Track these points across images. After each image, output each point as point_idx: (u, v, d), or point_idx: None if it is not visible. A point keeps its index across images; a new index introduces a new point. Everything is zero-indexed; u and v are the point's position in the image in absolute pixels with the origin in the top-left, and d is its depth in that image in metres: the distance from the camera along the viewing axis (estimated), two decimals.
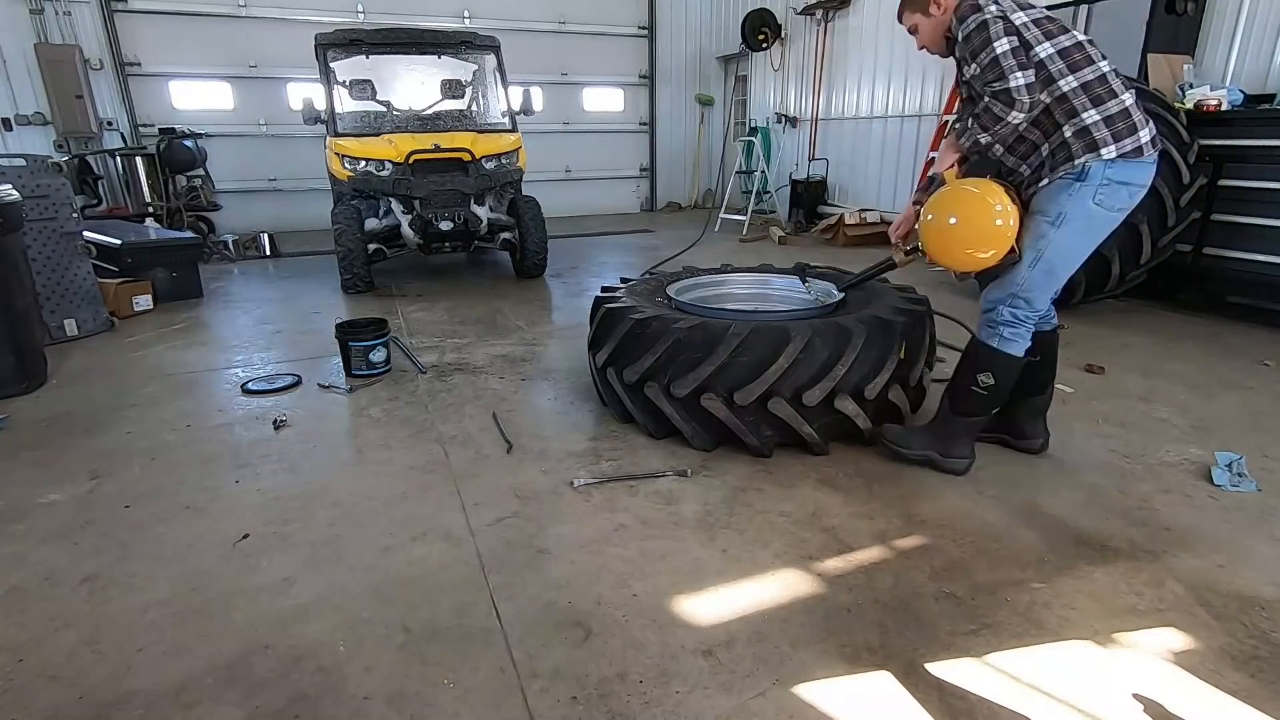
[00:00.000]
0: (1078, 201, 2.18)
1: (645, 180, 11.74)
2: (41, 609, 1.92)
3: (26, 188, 4.09)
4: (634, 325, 2.76)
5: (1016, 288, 2.31)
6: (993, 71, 2.14)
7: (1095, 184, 2.15)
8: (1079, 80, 2.14)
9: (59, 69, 7.94)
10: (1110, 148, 2.12)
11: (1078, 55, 2.15)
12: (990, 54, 2.13)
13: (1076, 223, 2.20)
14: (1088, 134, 2.14)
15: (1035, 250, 2.26)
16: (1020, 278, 2.30)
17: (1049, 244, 2.23)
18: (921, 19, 2.36)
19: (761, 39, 9.67)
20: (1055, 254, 2.25)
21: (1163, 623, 1.79)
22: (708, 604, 1.90)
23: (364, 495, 2.52)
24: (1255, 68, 4.85)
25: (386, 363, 3.77)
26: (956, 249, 2.35)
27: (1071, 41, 2.17)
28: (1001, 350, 2.38)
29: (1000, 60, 2.11)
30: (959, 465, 2.55)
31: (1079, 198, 2.17)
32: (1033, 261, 2.27)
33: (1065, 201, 2.19)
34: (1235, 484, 2.45)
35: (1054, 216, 2.21)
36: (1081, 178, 2.16)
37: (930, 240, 2.40)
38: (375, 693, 1.61)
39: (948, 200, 2.35)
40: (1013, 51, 2.11)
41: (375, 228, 5.82)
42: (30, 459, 2.84)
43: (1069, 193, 2.18)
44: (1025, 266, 2.28)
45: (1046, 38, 2.16)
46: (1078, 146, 2.15)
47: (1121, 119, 2.14)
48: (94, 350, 4.29)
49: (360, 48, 6.11)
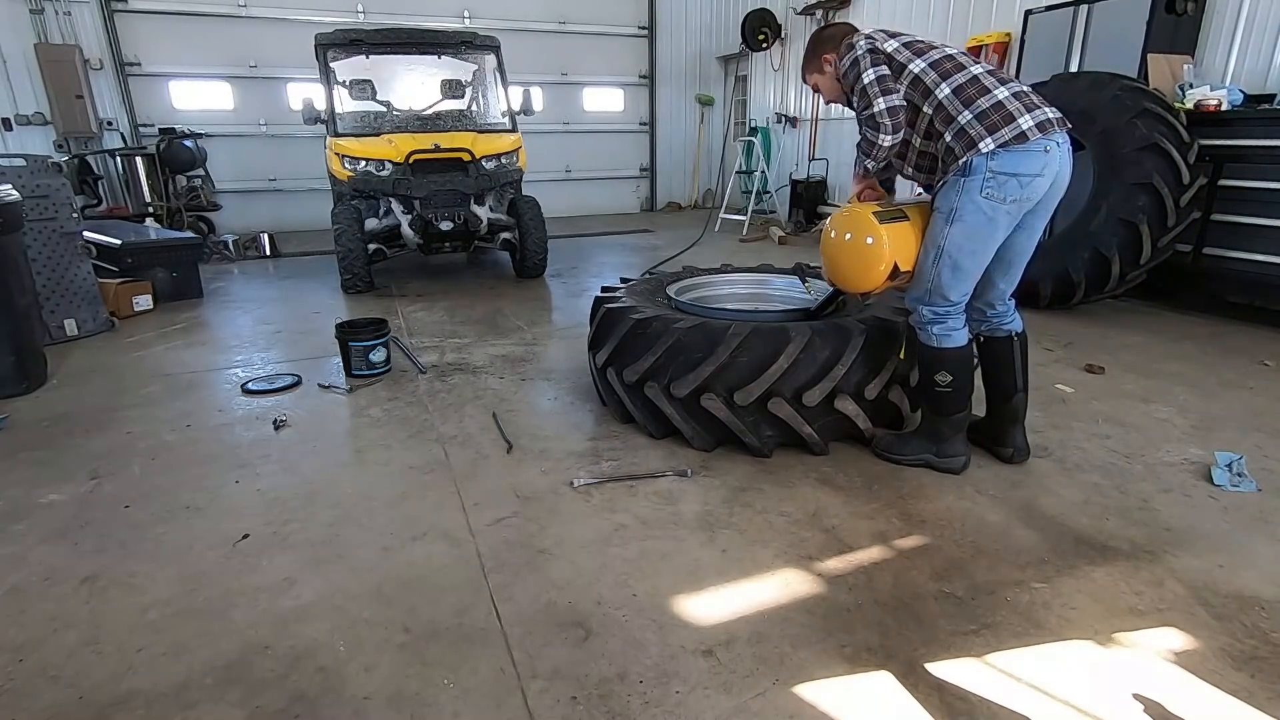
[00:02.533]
0: (965, 196, 2.25)
1: (645, 180, 11.74)
2: (41, 609, 1.92)
3: (26, 188, 4.09)
4: (634, 325, 2.76)
5: (927, 284, 2.41)
6: (862, 100, 2.31)
7: (980, 177, 2.22)
8: (951, 86, 2.26)
9: (59, 69, 7.94)
10: (986, 140, 2.19)
11: (948, 65, 2.30)
12: (860, 84, 2.30)
13: (968, 217, 2.27)
14: (964, 134, 2.22)
15: (935, 246, 2.35)
16: (927, 274, 2.39)
17: (946, 239, 2.32)
18: (819, 77, 2.55)
19: (761, 39, 9.67)
20: (954, 249, 2.32)
21: (1163, 623, 1.79)
22: (708, 604, 1.90)
23: (364, 495, 2.52)
24: (1255, 68, 4.85)
25: (386, 363, 3.77)
26: (845, 259, 2.51)
27: (942, 55, 2.33)
28: (942, 346, 2.44)
29: (868, 89, 2.29)
30: (956, 464, 2.56)
31: (966, 192, 2.25)
32: (935, 257, 2.36)
33: (955, 198, 2.28)
34: (1235, 484, 2.45)
35: (947, 212, 2.31)
36: (965, 173, 2.24)
37: (828, 253, 2.58)
38: (375, 693, 1.61)
39: (838, 218, 2.55)
40: (878, 80, 2.28)
41: (375, 228, 5.81)
42: (30, 459, 2.84)
43: (956, 189, 2.27)
44: (930, 263, 2.37)
45: (917, 55, 2.32)
46: (959, 147, 2.24)
47: (995, 111, 2.20)
48: (94, 350, 4.29)
49: (360, 48, 6.11)
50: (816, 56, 2.53)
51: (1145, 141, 4.12)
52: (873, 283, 2.46)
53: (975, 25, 6.85)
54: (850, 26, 2.51)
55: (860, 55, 2.30)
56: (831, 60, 2.47)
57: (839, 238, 2.50)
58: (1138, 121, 4.19)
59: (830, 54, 2.47)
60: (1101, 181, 4.33)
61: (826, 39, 2.51)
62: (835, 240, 2.52)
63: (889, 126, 2.28)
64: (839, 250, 2.51)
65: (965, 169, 2.23)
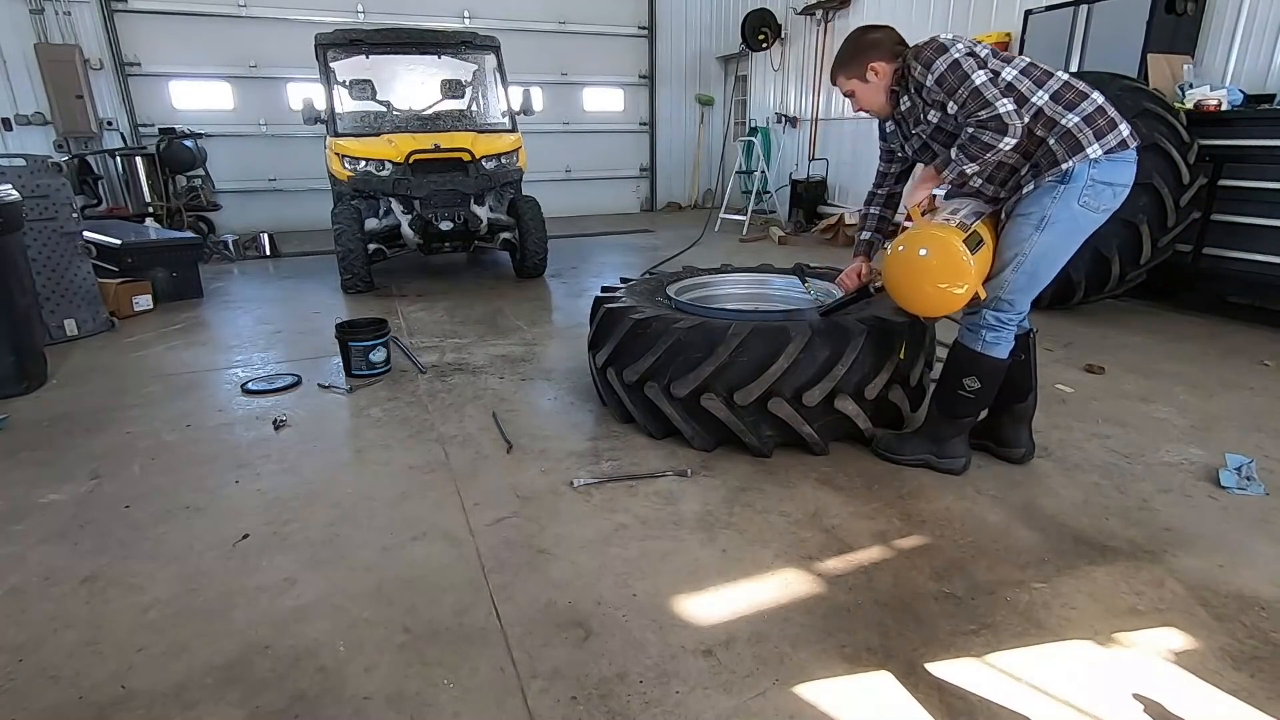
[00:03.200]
0: (1062, 204, 2.18)
1: (645, 180, 11.73)
2: (41, 609, 1.92)
3: (26, 188, 4.09)
4: (634, 325, 2.76)
5: (1000, 291, 2.32)
6: (976, 101, 2.11)
7: (1080, 185, 2.15)
8: (1048, 93, 2.17)
9: (59, 69, 7.94)
10: (1095, 146, 2.12)
11: (1037, 73, 2.19)
12: (969, 86, 2.11)
13: (1060, 225, 2.20)
14: (1070, 137, 2.14)
15: (1018, 252, 2.26)
16: (1005, 281, 2.30)
17: (1032, 246, 2.23)
18: (859, 84, 2.37)
19: (761, 39, 9.67)
20: (1038, 257, 2.25)
21: (1163, 623, 1.79)
22: (708, 604, 1.90)
23: (364, 495, 2.52)
24: (1255, 68, 4.85)
25: (386, 363, 3.77)
26: (926, 283, 2.27)
27: (1026, 63, 2.22)
28: (985, 354, 2.39)
29: (982, 90, 2.10)
30: (955, 465, 2.55)
31: (1064, 200, 2.17)
32: (1016, 265, 2.27)
33: (1049, 205, 2.19)
34: (1243, 487, 2.43)
35: (1037, 220, 2.21)
36: (1065, 180, 2.16)
37: (899, 273, 2.33)
38: (375, 693, 1.61)
39: (918, 236, 2.28)
40: (991, 81, 2.12)
41: (375, 228, 5.81)
42: (30, 459, 2.84)
43: (1053, 195, 2.18)
44: (1009, 269, 2.28)
45: (1007, 63, 2.20)
46: (1062, 151, 2.15)
47: (1099, 116, 2.14)
48: (94, 350, 4.29)
49: (360, 48, 6.11)
50: (860, 63, 2.33)
51: (1145, 141, 4.09)
52: (950, 309, 2.30)
53: (975, 25, 6.85)
54: (896, 33, 2.34)
55: (960, 58, 2.13)
56: (880, 69, 2.30)
57: (921, 260, 2.24)
58: (1138, 121, 4.17)
59: (880, 62, 2.30)
60: None
61: (872, 45, 2.32)
62: (916, 262, 2.26)
63: (1018, 128, 2.10)
64: (920, 275, 2.26)
65: (1065, 176, 2.15)
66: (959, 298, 2.24)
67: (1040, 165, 2.20)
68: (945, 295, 2.24)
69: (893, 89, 2.34)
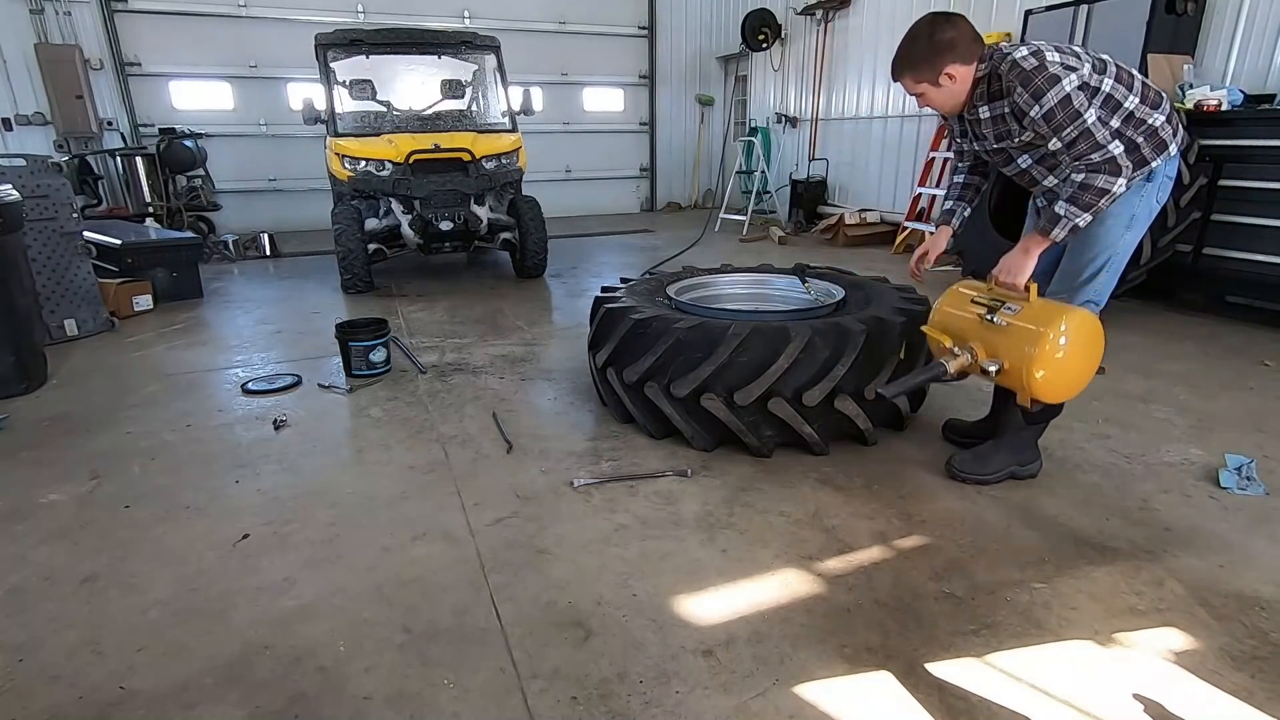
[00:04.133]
0: (1145, 201, 2.23)
1: (645, 180, 11.74)
2: (41, 609, 1.92)
3: (26, 188, 4.09)
4: (634, 325, 2.76)
5: (1093, 294, 2.32)
6: (1086, 143, 2.04)
7: (1158, 183, 2.22)
8: (1136, 96, 2.15)
9: (59, 69, 7.94)
10: (1173, 144, 2.18)
11: (1124, 75, 2.16)
12: (1080, 126, 2.03)
13: (1141, 221, 2.25)
14: (1156, 136, 2.16)
15: (1108, 253, 2.27)
16: (1099, 284, 2.31)
17: (1123, 245, 2.27)
18: (931, 87, 2.22)
19: (761, 39, 9.67)
20: (1124, 254, 2.30)
21: (1163, 623, 1.79)
22: (708, 604, 1.90)
23: (364, 495, 2.52)
24: (1255, 68, 4.85)
25: (386, 363, 3.77)
26: (1084, 362, 2.16)
27: (1114, 65, 2.17)
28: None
29: (1093, 131, 2.03)
30: (1035, 469, 2.54)
31: (1147, 198, 2.22)
32: (1108, 265, 2.29)
33: (1138, 203, 2.21)
34: (1243, 487, 2.43)
35: (1127, 219, 2.23)
36: (1150, 178, 2.20)
37: (1056, 365, 2.09)
38: (375, 693, 1.61)
39: (1084, 326, 2.12)
40: (1101, 121, 2.05)
41: (375, 228, 5.81)
42: (30, 459, 2.84)
43: (1140, 194, 2.21)
44: (1103, 271, 2.29)
45: (1104, 74, 2.13)
46: (1150, 150, 2.16)
47: (1173, 116, 2.19)
48: (94, 350, 4.29)
49: (360, 48, 6.11)
50: (936, 66, 2.16)
51: None
52: (1079, 387, 2.21)
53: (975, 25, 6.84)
54: (970, 26, 2.17)
55: (1072, 91, 2.01)
56: (959, 73, 2.16)
57: (1071, 346, 2.09)
58: None
59: (958, 65, 2.15)
60: None
61: (948, 46, 2.13)
62: (1068, 351, 2.09)
63: (1129, 168, 2.03)
64: (1077, 363, 2.13)
65: (1151, 175, 2.18)
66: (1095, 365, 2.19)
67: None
68: (1092, 367, 2.18)
69: (971, 93, 2.22)
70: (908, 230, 7.31)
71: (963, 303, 2.30)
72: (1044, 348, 2.06)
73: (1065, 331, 2.07)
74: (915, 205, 7.31)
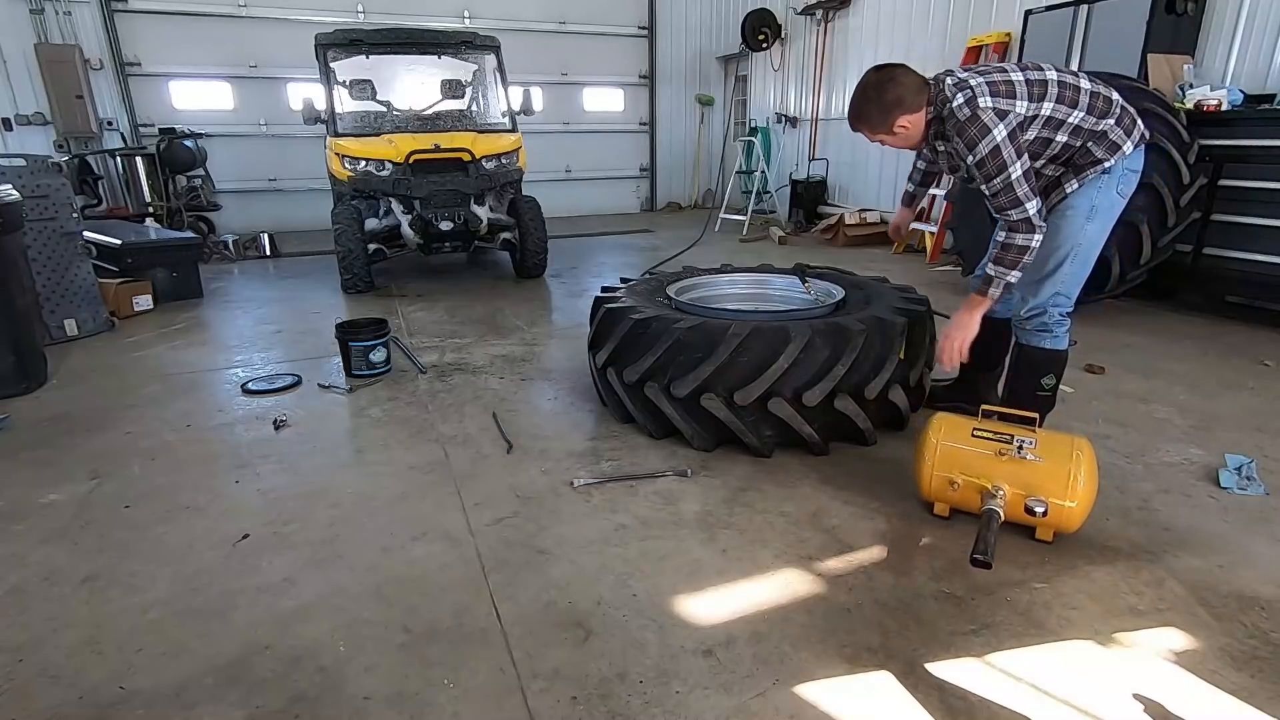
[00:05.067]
0: (1105, 193, 2.34)
1: (645, 180, 11.73)
2: (41, 609, 1.92)
3: (26, 188, 4.09)
4: (634, 325, 2.76)
5: (1061, 286, 2.45)
6: (1007, 196, 2.18)
7: (1118, 175, 2.33)
8: (1083, 110, 2.26)
9: (59, 69, 7.94)
10: (1128, 143, 2.30)
11: (1068, 92, 2.25)
12: (1005, 179, 2.16)
13: (1104, 212, 2.36)
14: (1106, 139, 2.29)
15: (1073, 245, 2.38)
16: (1064, 275, 2.43)
17: (1086, 236, 2.37)
18: (886, 137, 2.31)
19: (761, 39, 9.67)
20: (1090, 245, 2.40)
21: (1163, 623, 1.79)
22: (708, 604, 1.90)
23: (364, 495, 2.52)
24: (1255, 68, 4.85)
25: (386, 363, 3.77)
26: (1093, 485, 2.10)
27: (1056, 79, 2.24)
28: (1055, 349, 2.52)
29: (1015, 187, 2.15)
30: None
31: (1106, 189, 2.33)
32: (1074, 257, 2.39)
33: (1096, 195, 2.33)
34: (1243, 487, 2.43)
35: (1088, 210, 2.35)
36: (1108, 171, 2.31)
37: (1089, 495, 2.07)
38: (375, 693, 1.61)
39: (1089, 450, 2.11)
40: (1024, 176, 2.16)
41: (375, 228, 5.81)
42: (30, 459, 2.84)
43: (1098, 186, 2.33)
44: (1068, 263, 2.40)
45: (1043, 99, 2.21)
46: (1103, 151, 2.31)
47: (1125, 115, 2.32)
48: (94, 350, 4.28)
49: (360, 48, 6.10)
50: (887, 121, 2.25)
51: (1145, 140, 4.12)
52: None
53: (975, 25, 6.85)
54: (914, 75, 2.23)
55: (1001, 142, 2.11)
56: (910, 122, 2.24)
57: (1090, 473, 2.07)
58: None
59: (907, 115, 2.23)
60: None
61: (895, 102, 2.21)
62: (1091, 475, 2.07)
63: (1043, 226, 2.21)
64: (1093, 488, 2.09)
65: (1106, 169, 2.30)
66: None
67: (1083, 166, 2.32)
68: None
69: (926, 129, 2.31)
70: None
71: (962, 435, 2.19)
72: (1077, 478, 2.03)
73: (1085, 459, 2.05)
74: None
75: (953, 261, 6.27)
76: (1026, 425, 2.16)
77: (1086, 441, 2.12)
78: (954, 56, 6.97)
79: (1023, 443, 2.08)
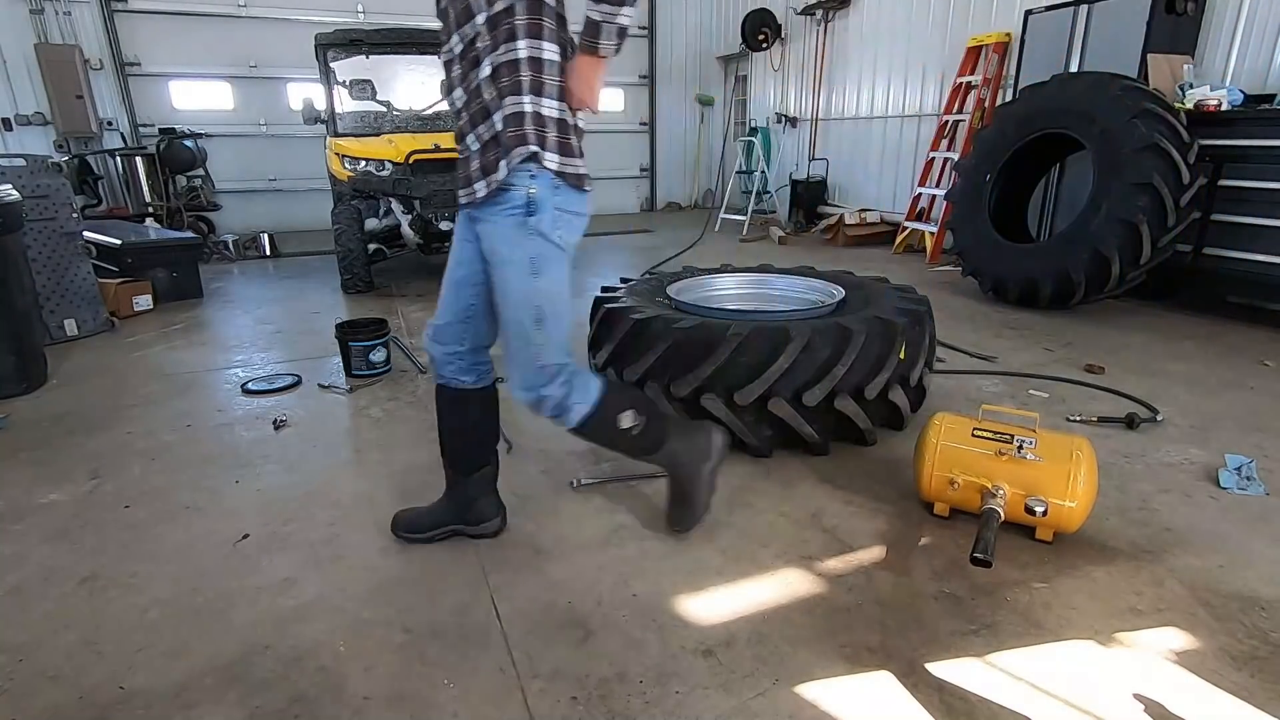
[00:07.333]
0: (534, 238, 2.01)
1: (645, 180, 11.73)
2: (41, 609, 1.92)
3: (26, 188, 4.09)
4: (634, 325, 2.76)
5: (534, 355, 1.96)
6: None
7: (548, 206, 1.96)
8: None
9: (59, 69, 7.93)
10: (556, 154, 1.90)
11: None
12: None
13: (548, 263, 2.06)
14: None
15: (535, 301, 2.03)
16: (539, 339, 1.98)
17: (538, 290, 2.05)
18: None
19: (761, 39, 9.67)
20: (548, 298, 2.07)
21: (1163, 623, 1.79)
22: (708, 604, 1.90)
23: (364, 495, 2.52)
24: (1255, 68, 4.85)
25: (386, 363, 3.77)
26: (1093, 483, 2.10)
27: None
28: (591, 413, 1.91)
29: None
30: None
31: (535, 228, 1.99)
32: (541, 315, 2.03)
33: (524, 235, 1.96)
34: (1243, 487, 2.43)
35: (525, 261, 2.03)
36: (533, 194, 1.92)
37: (1089, 495, 2.08)
38: (375, 693, 1.61)
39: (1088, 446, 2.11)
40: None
41: (375, 228, 5.82)
42: (30, 459, 2.84)
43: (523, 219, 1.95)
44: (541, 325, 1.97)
45: None
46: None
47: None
48: (94, 350, 4.28)
49: (360, 48, 6.10)
50: None
51: (1145, 142, 4.12)
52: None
53: (975, 25, 6.85)
54: None
55: None
56: None
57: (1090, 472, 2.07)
58: (1138, 121, 4.19)
59: None
60: (1101, 181, 4.33)
61: None
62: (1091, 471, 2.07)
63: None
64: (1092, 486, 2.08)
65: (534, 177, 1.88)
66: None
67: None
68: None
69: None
70: (908, 230, 7.31)
71: (962, 436, 2.18)
72: (1077, 478, 2.03)
73: (1085, 459, 2.05)
74: (915, 205, 7.31)
75: (952, 261, 6.27)
76: (1027, 425, 2.17)
77: (1086, 441, 2.12)
78: (954, 56, 6.98)
79: (1023, 442, 2.08)
